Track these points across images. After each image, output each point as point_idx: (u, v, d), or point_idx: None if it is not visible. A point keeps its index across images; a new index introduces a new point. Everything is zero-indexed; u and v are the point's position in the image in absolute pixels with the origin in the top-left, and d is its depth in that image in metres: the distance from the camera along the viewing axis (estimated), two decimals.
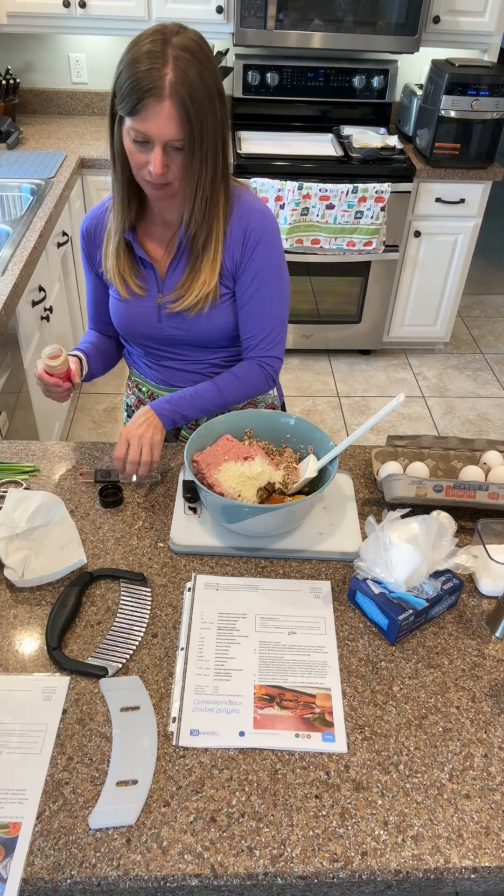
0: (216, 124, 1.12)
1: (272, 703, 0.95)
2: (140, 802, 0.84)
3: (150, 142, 1.10)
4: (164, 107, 1.06)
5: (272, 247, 1.29)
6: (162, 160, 1.11)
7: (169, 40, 1.07)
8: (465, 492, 1.21)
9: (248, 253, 1.27)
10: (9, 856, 0.79)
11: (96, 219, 1.35)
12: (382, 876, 0.79)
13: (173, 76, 1.05)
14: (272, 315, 1.33)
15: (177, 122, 1.08)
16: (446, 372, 3.54)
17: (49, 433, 2.49)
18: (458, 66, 2.86)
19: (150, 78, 1.05)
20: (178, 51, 1.06)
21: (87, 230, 1.36)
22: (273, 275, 1.30)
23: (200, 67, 1.08)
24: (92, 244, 1.36)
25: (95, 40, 3.23)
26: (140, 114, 1.08)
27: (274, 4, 2.78)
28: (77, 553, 1.13)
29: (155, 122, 1.08)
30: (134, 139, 1.12)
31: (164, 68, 1.05)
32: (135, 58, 1.06)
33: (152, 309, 1.33)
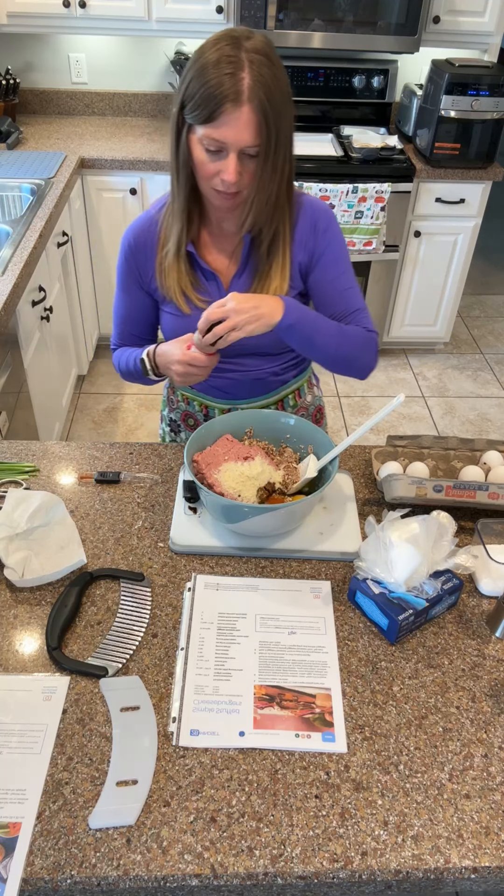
0: (290, 130, 1.11)
1: (272, 703, 0.95)
2: (140, 802, 0.84)
3: (224, 150, 1.07)
4: (242, 112, 1.03)
5: (338, 229, 1.29)
6: (236, 167, 1.08)
7: (241, 44, 1.03)
8: (465, 492, 1.21)
9: (323, 240, 1.26)
10: (9, 856, 0.79)
11: (144, 231, 1.29)
12: (382, 876, 0.79)
13: (251, 80, 1.02)
14: (358, 292, 1.32)
15: (255, 127, 1.05)
16: (446, 372, 3.54)
17: (49, 433, 2.49)
18: (458, 66, 2.86)
19: (227, 83, 1.01)
20: (252, 54, 1.03)
21: (134, 243, 1.29)
22: (347, 255, 1.30)
23: (276, 70, 1.05)
24: (140, 257, 1.30)
25: (95, 40, 3.23)
26: (217, 120, 1.04)
27: (274, 4, 2.78)
28: (77, 553, 1.13)
29: (233, 128, 1.04)
30: (207, 148, 1.08)
31: (241, 72, 1.02)
32: (207, 64, 1.03)
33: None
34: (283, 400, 1.46)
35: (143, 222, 1.30)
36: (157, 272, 1.29)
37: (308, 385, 1.51)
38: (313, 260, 1.27)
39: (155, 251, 1.28)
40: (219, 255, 1.29)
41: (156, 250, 1.28)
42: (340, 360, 1.27)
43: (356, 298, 1.31)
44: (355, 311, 1.30)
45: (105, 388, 3.28)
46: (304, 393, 1.50)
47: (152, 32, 2.95)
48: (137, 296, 1.35)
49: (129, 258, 1.31)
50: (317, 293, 1.30)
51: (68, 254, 2.81)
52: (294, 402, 1.48)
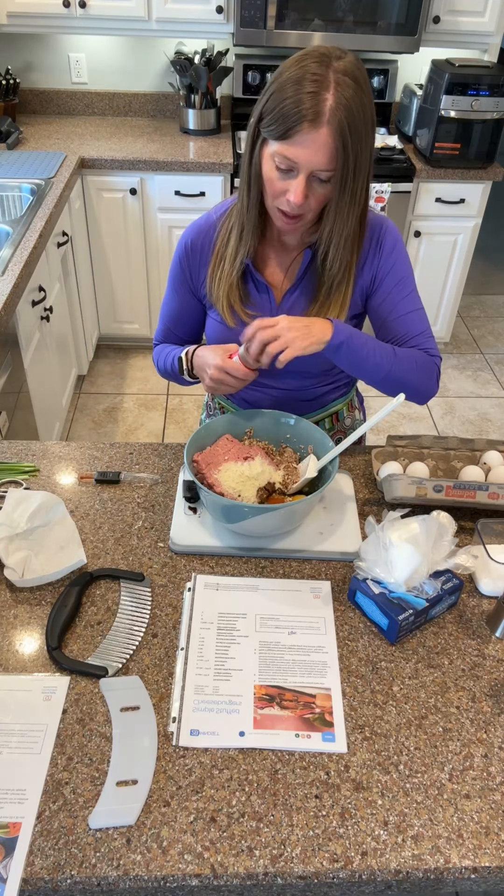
0: (369, 157, 1.06)
1: (272, 703, 0.95)
2: (140, 802, 0.84)
3: (295, 169, 1.05)
4: (319, 134, 1.00)
5: (403, 248, 1.26)
6: (304, 190, 1.05)
7: (331, 63, 0.99)
8: (465, 492, 1.21)
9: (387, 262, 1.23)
10: (9, 856, 0.79)
11: (203, 234, 1.27)
12: (382, 876, 0.79)
13: (333, 102, 0.98)
14: (422, 315, 1.28)
15: (330, 151, 1.01)
16: (446, 372, 3.54)
17: (49, 433, 2.49)
18: (458, 66, 2.86)
19: (308, 102, 0.98)
20: (340, 75, 0.99)
21: (191, 244, 1.28)
22: (411, 276, 1.27)
23: (362, 95, 1.01)
24: (195, 260, 1.29)
25: (95, 40, 3.23)
26: (292, 139, 1.01)
27: (274, 4, 2.78)
28: (77, 553, 1.13)
29: (308, 149, 1.01)
30: (278, 165, 1.05)
31: (325, 93, 0.98)
32: (291, 79, 1.00)
33: None
34: (319, 422, 1.44)
35: (202, 225, 1.28)
36: (209, 278, 1.27)
37: (349, 408, 1.47)
38: (376, 282, 1.25)
39: (209, 256, 1.26)
40: (275, 269, 1.26)
41: (210, 255, 1.26)
42: (393, 384, 1.23)
43: (420, 322, 1.27)
44: (418, 335, 1.27)
45: (105, 388, 3.29)
46: (344, 416, 1.47)
47: (152, 32, 2.95)
48: (185, 297, 1.34)
49: (184, 259, 1.30)
50: (378, 316, 1.27)
51: (68, 254, 2.81)
52: (331, 425, 1.45)
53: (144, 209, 3.04)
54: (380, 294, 1.26)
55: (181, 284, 1.32)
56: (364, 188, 1.11)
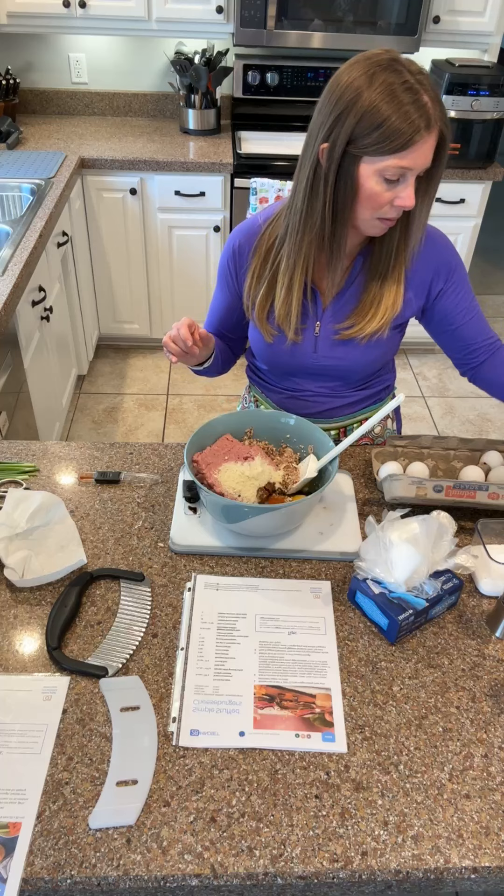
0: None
1: (272, 703, 0.95)
2: (140, 802, 0.84)
3: (404, 176, 1.07)
4: (432, 136, 1.04)
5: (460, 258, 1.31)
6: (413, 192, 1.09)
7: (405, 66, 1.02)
8: (465, 492, 1.21)
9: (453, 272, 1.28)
10: (9, 856, 0.79)
11: (249, 237, 1.29)
12: (382, 876, 0.79)
13: (431, 101, 1.02)
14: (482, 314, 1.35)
15: (434, 148, 1.06)
16: (446, 372, 3.54)
17: (49, 433, 2.49)
18: (458, 66, 2.86)
19: (416, 111, 1.00)
20: (416, 75, 1.02)
21: (238, 246, 1.31)
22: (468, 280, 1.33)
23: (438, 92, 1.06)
24: (239, 261, 1.31)
25: (95, 40, 3.23)
26: (411, 148, 1.03)
27: (274, 4, 2.78)
28: (77, 553, 1.13)
29: (423, 153, 1.04)
30: (387, 178, 1.07)
31: (422, 96, 1.01)
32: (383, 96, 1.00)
33: (309, 338, 1.30)
34: (346, 428, 1.45)
35: (250, 229, 1.30)
36: (249, 284, 1.30)
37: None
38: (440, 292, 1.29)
39: (250, 258, 1.29)
40: (327, 275, 1.27)
41: (251, 257, 1.29)
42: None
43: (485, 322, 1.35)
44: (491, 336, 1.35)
45: (105, 388, 3.28)
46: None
47: (152, 32, 2.95)
48: (230, 297, 1.38)
49: (230, 261, 1.33)
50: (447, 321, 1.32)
51: (68, 254, 2.81)
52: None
53: (144, 209, 3.04)
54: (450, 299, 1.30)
55: (226, 284, 1.37)
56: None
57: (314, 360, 1.33)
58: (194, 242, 3.13)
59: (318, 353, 1.32)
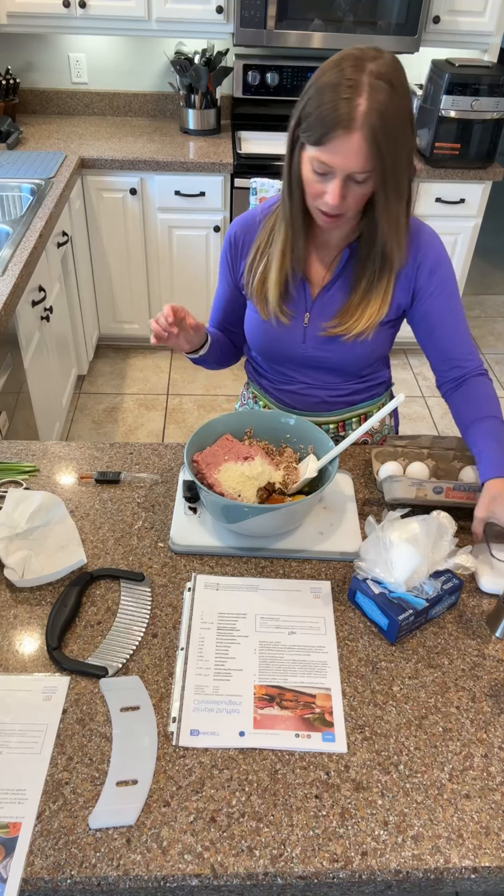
0: (408, 155, 1.09)
1: (272, 703, 0.95)
2: (140, 802, 0.84)
3: (331, 173, 1.07)
4: (353, 139, 1.01)
5: (450, 264, 1.29)
6: (340, 192, 1.08)
7: (365, 67, 1.00)
8: (465, 493, 1.21)
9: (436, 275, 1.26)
10: (9, 856, 0.79)
11: (246, 228, 1.31)
12: (382, 876, 0.79)
13: (366, 107, 0.99)
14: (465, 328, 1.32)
15: (365, 155, 1.03)
16: None
17: (49, 433, 2.49)
18: (458, 66, 2.86)
19: (342, 108, 0.99)
20: (374, 79, 0.99)
21: (235, 237, 1.33)
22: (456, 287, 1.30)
23: (397, 97, 1.01)
24: (237, 253, 1.33)
25: (95, 40, 3.23)
26: (327, 145, 1.03)
27: (274, 4, 2.78)
28: (77, 553, 1.13)
29: (342, 155, 1.03)
30: (315, 169, 1.08)
31: (358, 98, 0.99)
32: (326, 84, 1.01)
33: (298, 328, 1.31)
34: (345, 422, 1.45)
35: (247, 221, 1.32)
36: (247, 274, 1.31)
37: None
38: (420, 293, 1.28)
39: (249, 250, 1.31)
40: (315, 266, 1.28)
41: (250, 249, 1.30)
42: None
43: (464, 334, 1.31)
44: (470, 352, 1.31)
45: (105, 388, 3.28)
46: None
47: (152, 32, 2.94)
48: (229, 288, 1.40)
49: (228, 252, 1.35)
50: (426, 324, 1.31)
51: (68, 254, 2.81)
52: (359, 425, 1.46)
53: (144, 209, 3.04)
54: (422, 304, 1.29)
55: (226, 275, 1.39)
56: (408, 184, 1.13)
57: (303, 351, 1.34)
58: (194, 242, 3.13)
59: (307, 343, 1.32)
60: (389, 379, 1.51)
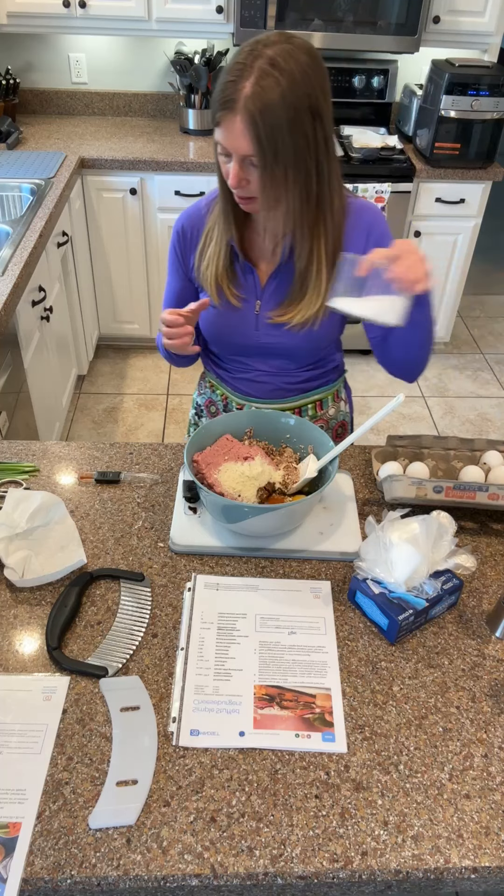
0: (300, 145, 1.07)
1: (272, 703, 0.95)
2: (140, 802, 0.84)
3: (230, 154, 1.09)
4: (236, 122, 1.04)
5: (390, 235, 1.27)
6: (237, 173, 1.09)
7: (262, 52, 1.02)
8: (465, 493, 1.21)
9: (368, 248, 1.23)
10: (9, 856, 0.79)
11: (192, 219, 1.33)
12: (382, 876, 0.79)
13: (249, 91, 1.01)
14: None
15: (248, 137, 1.04)
16: (446, 372, 3.54)
17: (49, 433, 2.49)
18: (458, 66, 2.86)
19: (228, 90, 1.03)
20: (265, 64, 1.01)
21: (182, 229, 1.34)
22: None
23: (288, 84, 1.02)
24: (186, 244, 1.34)
25: (95, 40, 3.23)
26: (219, 125, 1.06)
27: (274, 4, 2.78)
28: (77, 553, 1.13)
29: (229, 135, 1.06)
30: (219, 151, 1.11)
31: (244, 81, 1.01)
32: (226, 68, 1.05)
33: (250, 317, 1.32)
34: (301, 409, 1.45)
35: (192, 212, 1.34)
36: (197, 262, 1.32)
37: (334, 398, 1.49)
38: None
39: (198, 241, 1.32)
40: (260, 253, 1.30)
41: (199, 240, 1.32)
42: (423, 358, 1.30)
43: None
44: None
45: (105, 388, 3.28)
46: (327, 405, 1.48)
47: (152, 32, 2.95)
48: (182, 281, 1.39)
49: (177, 245, 1.36)
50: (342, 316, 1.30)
51: (68, 254, 2.81)
52: (314, 412, 1.46)
53: (144, 209, 3.04)
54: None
55: (176, 269, 1.39)
56: (309, 177, 1.12)
57: (256, 339, 1.34)
58: None
59: (259, 331, 1.33)
60: (342, 364, 1.51)
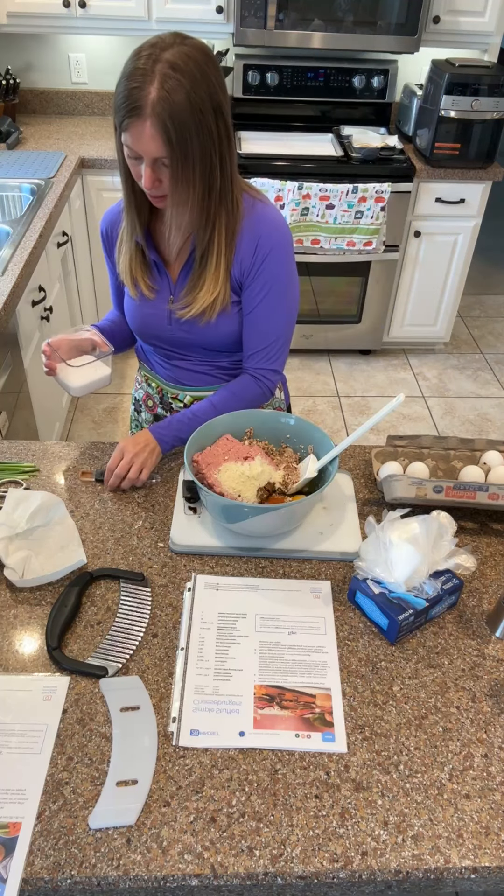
0: (206, 142, 1.10)
1: (272, 703, 0.95)
2: (140, 802, 0.84)
3: (139, 157, 1.11)
4: (145, 126, 1.05)
5: (282, 260, 1.28)
6: (151, 175, 1.11)
7: (160, 57, 1.04)
8: (465, 493, 1.21)
9: (258, 264, 1.27)
10: (9, 856, 0.79)
11: (113, 218, 1.37)
12: (382, 876, 0.79)
13: (155, 96, 1.03)
14: (275, 328, 1.33)
15: (159, 141, 1.07)
16: (446, 372, 3.54)
17: (49, 433, 2.49)
18: (458, 66, 2.86)
19: (133, 96, 1.04)
20: (167, 68, 1.03)
21: (105, 230, 1.40)
22: (281, 288, 1.30)
23: (190, 85, 1.04)
24: (110, 244, 1.40)
25: (95, 40, 3.23)
26: (126, 131, 1.08)
27: (274, 4, 2.78)
28: (77, 553, 1.13)
29: (139, 140, 1.07)
30: (127, 154, 1.13)
31: (149, 87, 1.03)
32: (125, 73, 1.06)
33: (163, 311, 1.35)
34: None
35: (111, 213, 1.39)
36: (117, 257, 1.37)
37: None
38: (245, 280, 1.29)
39: (118, 238, 1.36)
40: (169, 248, 1.33)
41: (118, 237, 1.35)
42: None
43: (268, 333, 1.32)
44: (261, 349, 1.34)
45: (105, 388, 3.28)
46: None
47: (152, 32, 2.91)
48: (114, 276, 1.45)
49: (104, 241, 1.42)
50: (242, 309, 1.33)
51: (68, 254, 2.81)
52: None
53: None
54: (245, 293, 1.31)
55: (109, 265, 1.45)
56: (213, 171, 1.15)
57: (171, 332, 1.37)
58: None
59: (172, 326, 1.36)
60: None
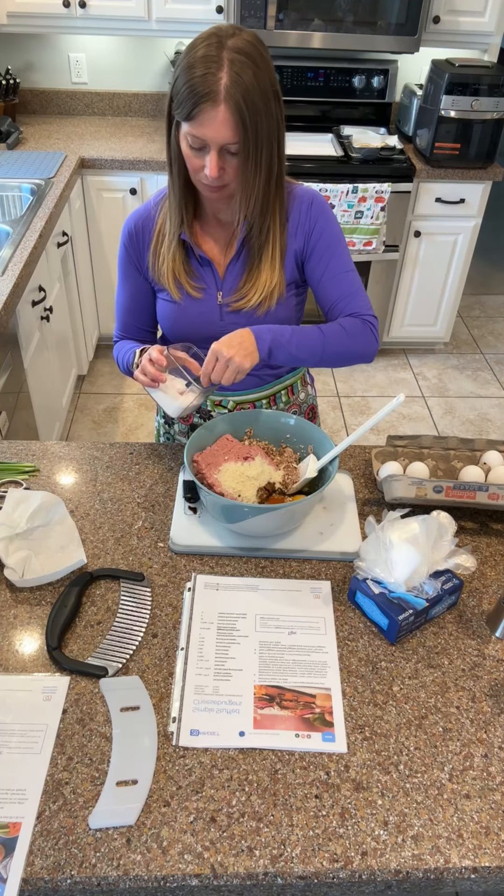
0: (271, 126, 1.13)
1: (272, 703, 0.95)
2: (140, 802, 0.84)
3: (206, 146, 1.11)
4: (219, 111, 1.07)
5: (332, 219, 1.31)
6: (217, 164, 1.12)
7: (224, 43, 1.07)
8: (465, 493, 1.21)
9: (316, 225, 1.28)
10: (9, 856, 0.79)
11: (142, 219, 1.34)
12: (382, 876, 0.79)
13: (228, 80, 1.05)
14: (354, 275, 1.33)
15: (232, 126, 1.08)
16: (446, 372, 3.54)
17: (49, 433, 2.49)
18: (458, 66, 2.86)
19: (205, 83, 1.05)
20: (233, 53, 1.06)
21: (132, 231, 1.35)
22: (341, 238, 1.31)
23: (256, 69, 1.08)
24: (138, 245, 1.35)
25: (95, 40, 3.23)
26: (196, 119, 1.08)
27: (274, 4, 2.78)
28: (77, 553, 1.14)
29: (211, 126, 1.08)
30: (190, 144, 1.12)
31: (220, 72, 1.05)
32: (191, 62, 1.07)
33: (213, 308, 1.33)
34: (275, 395, 1.46)
35: (141, 212, 1.35)
36: (151, 260, 1.33)
37: (302, 382, 1.51)
38: (309, 244, 1.29)
39: (150, 240, 1.33)
40: (214, 244, 1.32)
41: (151, 239, 1.33)
42: (333, 359, 1.28)
43: (350, 283, 1.31)
44: (349, 295, 1.31)
45: (105, 388, 3.28)
46: (298, 390, 1.50)
47: (152, 32, 2.95)
48: (137, 283, 1.38)
49: (129, 246, 1.36)
50: (313, 278, 1.32)
51: (68, 254, 2.81)
52: (287, 398, 1.48)
53: None
54: (314, 257, 1.30)
55: (131, 271, 1.38)
56: (273, 156, 1.17)
57: (221, 329, 1.34)
58: None
59: (224, 321, 1.34)
60: None
